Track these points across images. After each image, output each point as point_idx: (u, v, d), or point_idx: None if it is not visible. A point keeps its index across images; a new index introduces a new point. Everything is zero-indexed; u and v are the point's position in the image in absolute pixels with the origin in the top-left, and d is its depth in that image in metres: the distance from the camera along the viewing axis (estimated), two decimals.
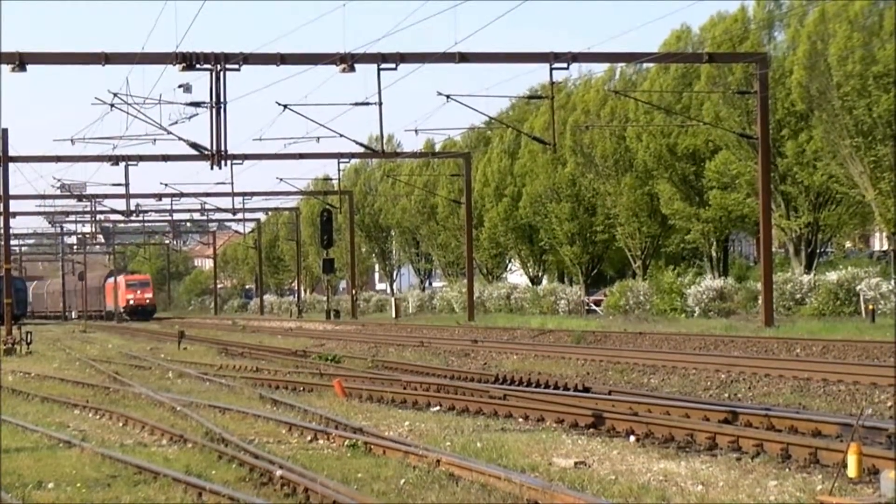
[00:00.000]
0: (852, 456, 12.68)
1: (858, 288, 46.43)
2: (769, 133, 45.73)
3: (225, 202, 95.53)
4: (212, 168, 42.48)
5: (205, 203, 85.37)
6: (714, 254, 60.23)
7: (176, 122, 45.95)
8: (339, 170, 73.86)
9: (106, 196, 79.19)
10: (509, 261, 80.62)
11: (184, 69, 40.27)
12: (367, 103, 44.80)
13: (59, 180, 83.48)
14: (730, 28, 52.83)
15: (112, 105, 45.03)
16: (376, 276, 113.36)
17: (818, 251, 54.81)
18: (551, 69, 42.51)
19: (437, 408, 22.21)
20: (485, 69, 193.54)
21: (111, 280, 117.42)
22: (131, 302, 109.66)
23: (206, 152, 42.21)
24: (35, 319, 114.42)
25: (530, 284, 73.69)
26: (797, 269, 52.75)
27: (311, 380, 28.01)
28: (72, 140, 55.93)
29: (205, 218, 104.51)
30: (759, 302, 46.10)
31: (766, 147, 44.73)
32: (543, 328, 48.91)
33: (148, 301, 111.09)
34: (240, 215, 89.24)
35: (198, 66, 40.31)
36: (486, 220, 74.46)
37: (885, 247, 66.19)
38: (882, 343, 30.35)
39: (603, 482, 13.35)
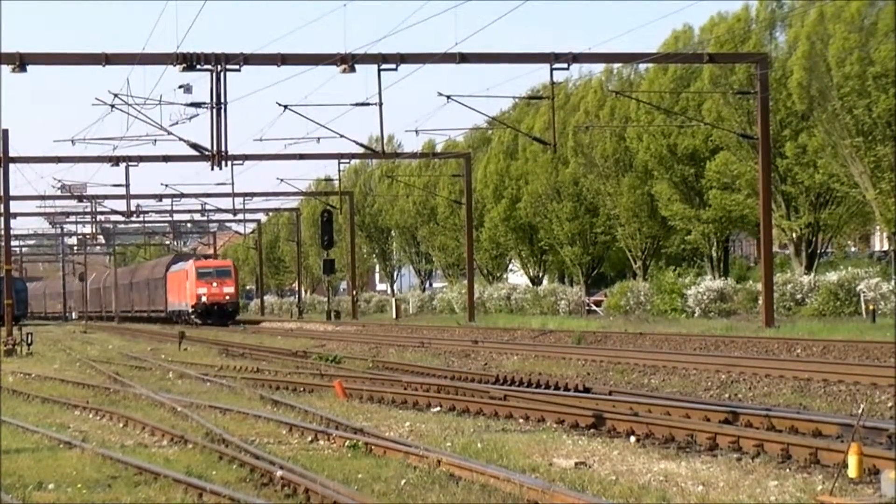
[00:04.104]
0: (853, 456, 12.68)
1: (858, 288, 46.43)
2: (769, 133, 45.74)
3: (225, 203, 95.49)
4: (212, 169, 42.56)
5: (205, 204, 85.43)
6: (714, 254, 60.25)
7: (176, 123, 46.03)
8: (339, 170, 73.94)
9: (106, 197, 79.16)
10: (509, 261, 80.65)
11: (184, 70, 40.30)
12: (368, 104, 44.83)
13: (59, 181, 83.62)
14: (733, 27, 52.88)
15: (112, 106, 45.07)
16: (377, 276, 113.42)
17: (818, 251, 54.82)
18: (552, 69, 42.52)
19: (438, 408, 22.21)
20: (485, 69, 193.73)
21: (177, 268, 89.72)
22: (204, 299, 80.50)
23: (207, 153, 42.23)
24: (48, 321, 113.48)
25: (531, 285, 73.70)
26: (798, 270, 52.75)
27: (311, 380, 28.01)
28: (72, 141, 56.02)
29: (205, 219, 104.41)
30: (760, 302, 46.09)
31: (767, 147, 44.73)
32: (544, 329, 48.89)
33: (228, 297, 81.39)
34: (240, 216, 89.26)
35: (198, 66, 40.34)
36: (487, 220, 74.50)
37: (886, 247, 66.20)
38: (882, 343, 30.34)
39: (603, 483, 13.35)
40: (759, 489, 12.96)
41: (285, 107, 46.65)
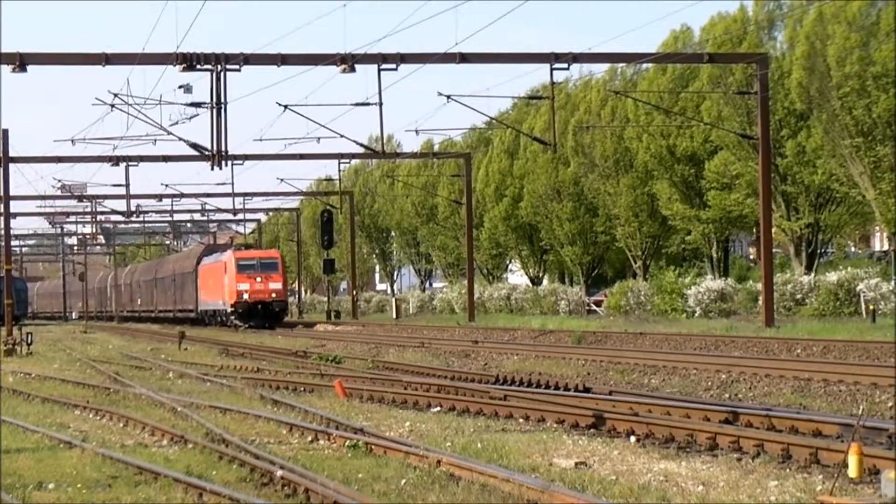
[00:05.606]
0: (853, 456, 12.67)
1: (858, 288, 46.43)
2: (769, 133, 45.74)
3: (225, 203, 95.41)
4: (212, 168, 42.55)
5: (205, 204, 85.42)
6: (714, 254, 60.25)
7: (176, 123, 46.05)
8: (339, 170, 73.94)
9: (106, 197, 79.19)
10: (510, 261, 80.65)
11: (184, 70, 40.30)
12: (368, 104, 44.83)
13: (59, 181, 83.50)
14: (730, 28, 52.90)
15: (112, 105, 45.09)
16: (377, 276, 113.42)
17: (818, 252, 54.82)
18: (552, 69, 42.53)
19: (438, 408, 22.20)
20: (485, 69, 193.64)
21: (212, 260, 76.75)
22: (245, 297, 67.72)
23: (207, 153, 42.23)
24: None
25: (531, 285, 73.70)
26: (798, 270, 52.75)
27: (311, 380, 28.01)
28: (72, 141, 56.06)
29: (205, 219, 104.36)
30: (760, 302, 46.09)
31: (767, 147, 44.72)
32: (544, 329, 48.89)
33: (275, 295, 68.45)
34: (240, 216, 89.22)
35: (198, 66, 40.34)
36: (487, 220, 74.50)
37: (886, 247, 66.21)
38: (882, 343, 30.34)
39: (603, 482, 13.34)
40: (759, 489, 12.96)
41: (285, 107, 46.68)
